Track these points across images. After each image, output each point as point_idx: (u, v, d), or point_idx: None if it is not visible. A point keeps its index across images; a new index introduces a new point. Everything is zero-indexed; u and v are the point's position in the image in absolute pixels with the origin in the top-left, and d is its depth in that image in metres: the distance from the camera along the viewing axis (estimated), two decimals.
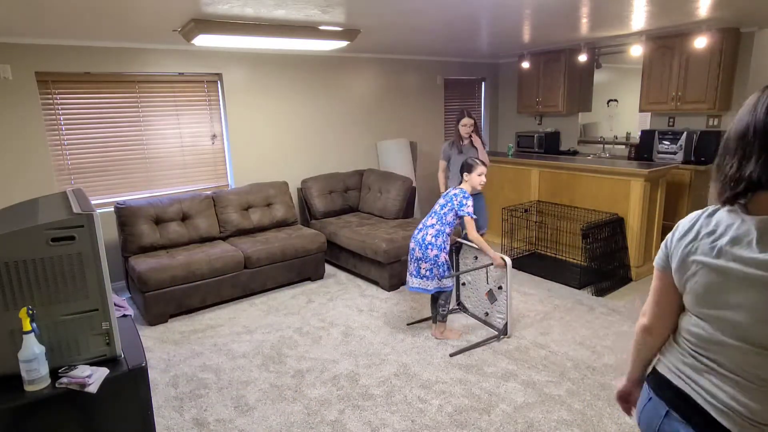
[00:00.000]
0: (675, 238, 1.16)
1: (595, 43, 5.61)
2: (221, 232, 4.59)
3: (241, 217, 4.65)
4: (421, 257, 3.25)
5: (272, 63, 5.12)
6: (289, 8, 3.15)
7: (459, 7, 3.30)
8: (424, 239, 3.25)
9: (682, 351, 1.16)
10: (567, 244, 4.82)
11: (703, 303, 1.08)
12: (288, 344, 3.42)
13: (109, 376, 1.49)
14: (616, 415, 2.53)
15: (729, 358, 1.04)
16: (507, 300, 3.31)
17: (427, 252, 3.22)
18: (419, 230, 3.33)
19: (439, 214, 3.30)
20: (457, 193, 3.29)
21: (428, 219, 3.35)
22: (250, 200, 4.77)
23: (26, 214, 1.57)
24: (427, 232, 3.26)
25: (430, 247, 3.22)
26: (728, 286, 1.02)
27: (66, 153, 4.25)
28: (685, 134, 4.95)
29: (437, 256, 3.21)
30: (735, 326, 1.01)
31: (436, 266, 3.23)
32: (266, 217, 4.79)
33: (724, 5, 3.60)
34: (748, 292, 0.98)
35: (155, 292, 3.75)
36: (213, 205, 4.58)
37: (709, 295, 1.06)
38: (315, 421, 2.56)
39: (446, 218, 3.27)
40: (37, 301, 1.44)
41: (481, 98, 7.20)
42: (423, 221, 3.38)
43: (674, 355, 1.18)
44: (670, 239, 1.18)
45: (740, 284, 0.99)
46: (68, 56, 4.08)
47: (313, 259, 4.59)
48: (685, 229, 1.14)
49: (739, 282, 1.00)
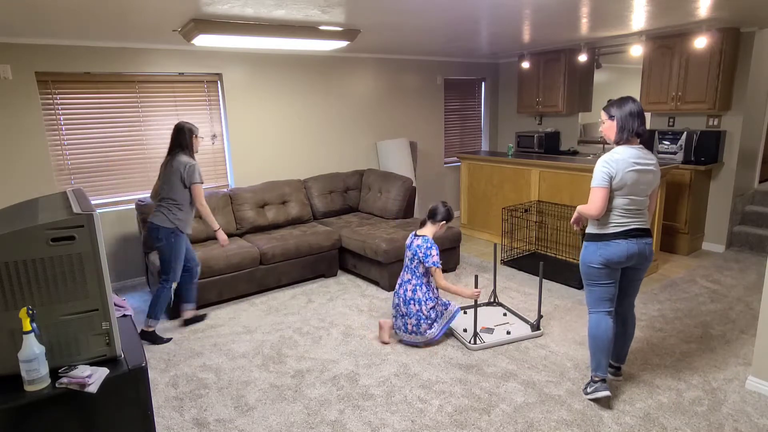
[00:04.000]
0: (618, 170, 2.46)
1: (595, 43, 5.61)
2: (237, 228, 4.68)
3: (256, 214, 4.75)
4: (406, 313, 3.26)
5: (272, 63, 5.12)
6: (289, 8, 3.15)
7: (459, 7, 3.30)
8: (405, 294, 3.28)
9: (618, 215, 2.53)
10: (567, 244, 4.82)
11: (631, 188, 2.49)
12: (288, 344, 3.42)
13: (109, 376, 1.49)
14: (616, 415, 2.53)
15: (638, 206, 2.52)
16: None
17: (410, 308, 3.24)
18: (400, 285, 3.35)
19: (410, 268, 3.30)
20: (420, 244, 3.25)
21: (404, 274, 3.36)
22: (266, 198, 4.87)
23: (26, 214, 1.57)
24: (407, 288, 3.29)
25: (412, 302, 3.24)
26: (640, 176, 2.48)
27: (66, 153, 4.25)
28: (685, 134, 4.95)
29: (419, 311, 3.23)
30: (641, 193, 2.50)
31: (423, 320, 3.24)
32: (281, 215, 4.89)
33: (724, 5, 3.60)
34: (647, 176, 2.49)
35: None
36: (230, 202, 4.68)
37: (634, 183, 2.48)
38: (315, 421, 2.56)
39: (418, 271, 3.27)
40: (37, 301, 1.44)
41: (481, 98, 7.20)
42: (401, 276, 3.38)
43: (614, 220, 2.54)
44: (614, 172, 2.46)
45: (645, 174, 2.49)
46: (68, 56, 4.08)
47: (327, 256, 4.64)
48: (621, 164, 2.46)
49: (644, 173, 2.49)
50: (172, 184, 3.35)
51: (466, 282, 4.48)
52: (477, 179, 5.90)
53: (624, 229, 2.53)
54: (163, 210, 3.37)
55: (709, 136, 4.84)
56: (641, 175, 2.48)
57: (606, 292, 2.60)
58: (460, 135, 7.07)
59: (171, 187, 3.36)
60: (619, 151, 2.48)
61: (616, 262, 2.54)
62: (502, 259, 5.07)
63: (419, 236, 3.30)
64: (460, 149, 7.08)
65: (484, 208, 5.86)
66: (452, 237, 4.62)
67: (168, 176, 3.37)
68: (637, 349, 3.18)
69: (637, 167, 2.47)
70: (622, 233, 2.53)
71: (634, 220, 2.54)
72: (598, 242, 2.56)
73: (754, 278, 4.33)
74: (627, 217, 2.53)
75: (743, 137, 4.89)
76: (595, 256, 2.55)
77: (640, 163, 2.48)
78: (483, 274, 4.70)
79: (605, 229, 2.55)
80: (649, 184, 2.52)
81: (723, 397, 2.65)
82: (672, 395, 2.68)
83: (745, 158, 5.07)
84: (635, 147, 2.50)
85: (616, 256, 2.53)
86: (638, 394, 2.70)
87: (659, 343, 3.26)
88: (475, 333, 3.27)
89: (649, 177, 2.52)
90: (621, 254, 2.53)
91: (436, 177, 6.84)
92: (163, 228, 3.35)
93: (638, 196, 2.51)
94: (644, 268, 2.65)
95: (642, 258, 2.58)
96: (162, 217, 3.36)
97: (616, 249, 2.52)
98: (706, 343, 3.25)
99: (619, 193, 2.49)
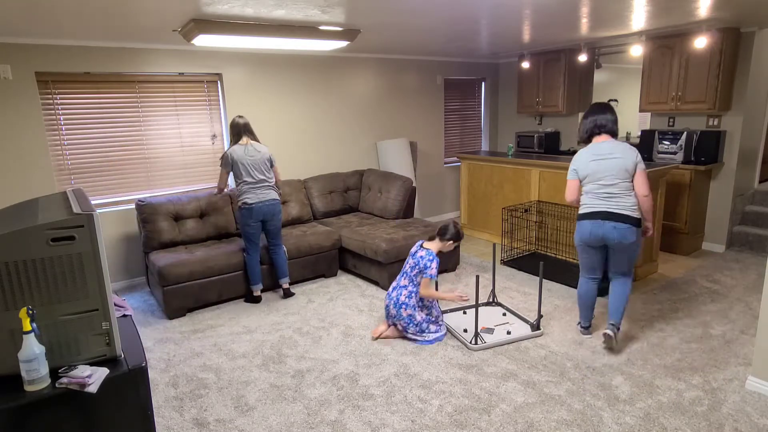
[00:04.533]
0: (580, 164, 3.10)
1: (595, 43, 5.61)
2: (237, 228, 4.68)
3: None
4: (395, 315, 3.32)
5: (272, 63, 5.12)
6: (289, 8, 3.15)
7: (459, 7, 3.30)
8: (398, 299, 3.32)
9: (588, 199, 3.09)
10: (567, 244, 4.82)
11: (594, 175, 3.04)
12: (288, 344, 3.42)
13: (109, 376, 1.49)
14: (616, 415, 2.53)
15: (608, 191, 3.01)
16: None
17: (400, 311, 3.29)
18: (393, 289, 3.40)
19: (409, 276, 3.35)
20: (423, 255, 3.31)
21: (401, 279, 3.40)
22: None
23: (26, 214, 1.57)
24: (401, 292, 3.33)
25: (403, 307, 3.29)
26: (600, 165, 3.02)
27: (66, 153, 4.25)
28: (685, 134, 4.95)
29: (411, 315, 3.28)
30: (606, 179, 3.01)
31: (413, 325, 3.30)
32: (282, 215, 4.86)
33: (724, 5, 3.60)
34: (609, 163, 3.00)
35: (174, 287, 3.87)
36: (230, 202, 4.69)
37: (595, 172, 3.04)
38: (315, 421, 2.56)
39: (416, 279, 3.33)
40: (37, 301, 1.44)
41: (481, 98, 7.20)
42: (397, 280, 3.43)
43: (584, 202, 3.11)
44: (578, 166, 3.12)
45: (606, 162, 3.01)
46: (68, 56, 4.08)
47: (327, 256, 4.65)
48: (582, 158, 3.09)
49: (606, 161, 3.01)
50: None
51: (466, 282, 4.48)
52: (477, 179, 5.90)
53: (589, 211, 3.07)
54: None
55: (709, 136, 4.83)
56: (601, 163, 3.02)
57: (587, 261, 3.21)
58: (460, 135, 7.07)
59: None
60: (582, 150, 3.15)
61: (587, 239, 3.11)
62: (502, 259, 5.07)
63: (424, 248, 3.35)
64: (460, 149, 7.08)
65: (484, 208, 5.86)
66: None
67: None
68: (637, 349, 3.18)
69: (598, 158, 3.04)
70: (587, 215, 3.08)
71: (603, 203, 3.03)
72: (577, 222, 3.17)
73: (754, 278, 4.33)
74: (596, 200, 3.06)
75: (743, 137, 4.89)
76: (575, 234, 3.19)
77: (601, 155, 3.04)
78: (483, 274, 4.70)
79: (579, 211, 3.16)
80: (613, 170, 2.99)
81: (723, 397, 2.65)
82: (672, 395, 2.68)
83: (745, 158, 5.07)
84: (601, 142, 3.07)
85: (584, 234, 3.11)
86: (638, 394, 2.70)
87: (659, 343, 3.26)
88: (475, 333, 3.28)
89: (612, 163, 3.00)
90: (585, 233, 3.10)
91: (436, 177, 6.84)
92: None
93: (605, 182, 3.01)
94: (621, 249, 3.04)
95: (612, 239, 3.01)
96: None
97: (581, 229, 3.12)
98: (706, 343, 3.25)
99: (585, 180, 3.10)
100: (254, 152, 3.93)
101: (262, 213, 3.96)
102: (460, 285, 4.40)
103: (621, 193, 2.99)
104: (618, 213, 2.98)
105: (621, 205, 2.98)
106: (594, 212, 3.04)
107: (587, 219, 3.06)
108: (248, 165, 3.90)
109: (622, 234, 2.97)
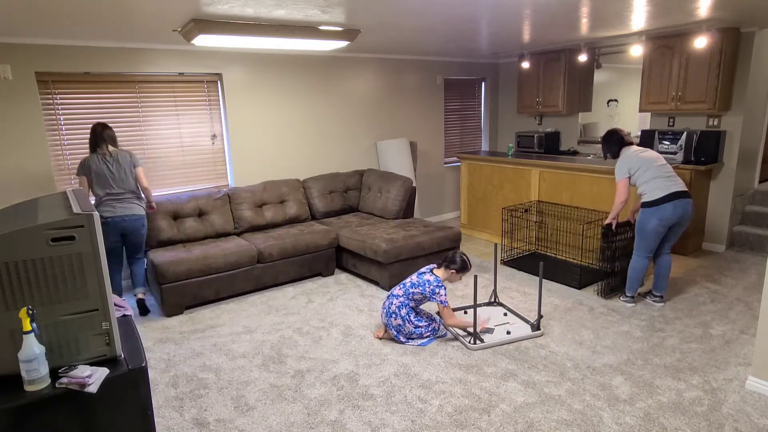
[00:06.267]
0: (629, 160, 3.58)
1: (595, 43, 5.61)
2: (236, 228, 4.72)
3: (255, 213, 4.80)
4: (387, 323, 3.35)
5: (272, 63, 5.12)
6: (289, 8, 3.15)
7: (459, 7, 3.30)
8: (389, 307, 3.34)
9: (659, 181, 3.47)
10: (567, 244, 4.82)
11: (649, 163, 3.52)
12: (288, 344, 3.42)
13: (109, 376, 1.49)
14: (616, 415, 2.53)
15: (667, 169, 3.56)
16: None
17: (390, 320, 3.32)
18: (388, 297, 3.41)
19: (408, 291, 3.34)
20: (431, 280, 3.28)
21: (397, 289, 3.40)
22: (264, 197, 4.91)
23: (26, 214, 1.57)
24: (392, 302, 3.34)
25: (393, 316, 3.31)
26: (649, 153, 3.60)
27: (66, 153, 4.25)
28: (685, 134, 4.95)
29: (401, 325, 3.30)
30: (658, 159, 3.60)
31: (402, 333, 3.33)
32: (279, 214, 4.92)
33: (724, 5, 3.60)
34: (652, 152, 3.62)
35: (172, 285, 3.89)
36: (228, 201, 4.72)
37: (648, 160, 3.55)
38: (315, 421, 2.56)
39: (413, 296, 3.33)
40: (37, 301, 1.44)
41: (481, 98, 7.20)
42: (395, 287, 3.43)
43: (659, 185, 3.46)
44: (629, 163, 3.57)
45: (650, 152, 3.62)
46: (68, 56, 4.08)
47: (325, 255, 4.66)
48: (629, 155, 3.60)
49: (649, 152, 3.62)
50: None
51: (466, 282, 4.48)
52: (477, 179, 5.90)
53: (666, 193, 3.45)
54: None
55: (709, 136, 4.83)
56: (647, 152, 3.58)
57: (653, 243, 3.61)
58: (460, 135, 7.07)
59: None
60: (622, 155, 3.67)
61: (669, 219, 3.48)
62: (502, 259, 5.07)
63: (433, 274, 3.34)
64: (460, 149, 7.08)
65: (484, 208, 5.86)
66: (452, 237, 4.62)
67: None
68: (638, 349, 3.18)
69: (640, 151, 3.59)
70: (665, 197, 3.46)
71: (672, 184, 3.46)
72: (653, 208, 3.52)
73: (754, 278, 4.33)
74: (664, 181, 3.47)
75: (743, 137, 4.89)
76: (652, 217, 3.52)
77: (641, 149, 3.61)
78: (483, 274, 4.70)
79: (649, 198, 3.50)
80: (658, 156, 3.57)
81: (723, 397, 2.65)
82: (672, 395, 2.68)
83: (745, 158, 5.07)
84: (630, 149, 3.65)
85: (666, 215, 3.48)
86: (638, 394, 2.70)
87: (659, 343, 3.26)
88: (475, 333, 3.27)
89: (654, 152, 3.60)
90: (668, 214, 3.48)
91: (436, 177, 6.84)
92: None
93: (660, 162, 3.54)
94: (685, 223, 3.57)
95: (687, 214, 3.51)
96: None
97: (662, 212, 3.48)
98: (706, 343, 3.25)
99: (641, 170, 3.53)
100: (113, 162, 3.70)
101: (120, 228, 3.75)
102: (460, 285, 4.41)
103: (675, 174, 3.48)
104: (685, 190, 3.45)
105: (681, 182, 3.47)
106: (672, 193, 3.41)
107: (668, 201, 3.40)
108: (107, 176, 3.69)
109: (691, 208, 3.48)
